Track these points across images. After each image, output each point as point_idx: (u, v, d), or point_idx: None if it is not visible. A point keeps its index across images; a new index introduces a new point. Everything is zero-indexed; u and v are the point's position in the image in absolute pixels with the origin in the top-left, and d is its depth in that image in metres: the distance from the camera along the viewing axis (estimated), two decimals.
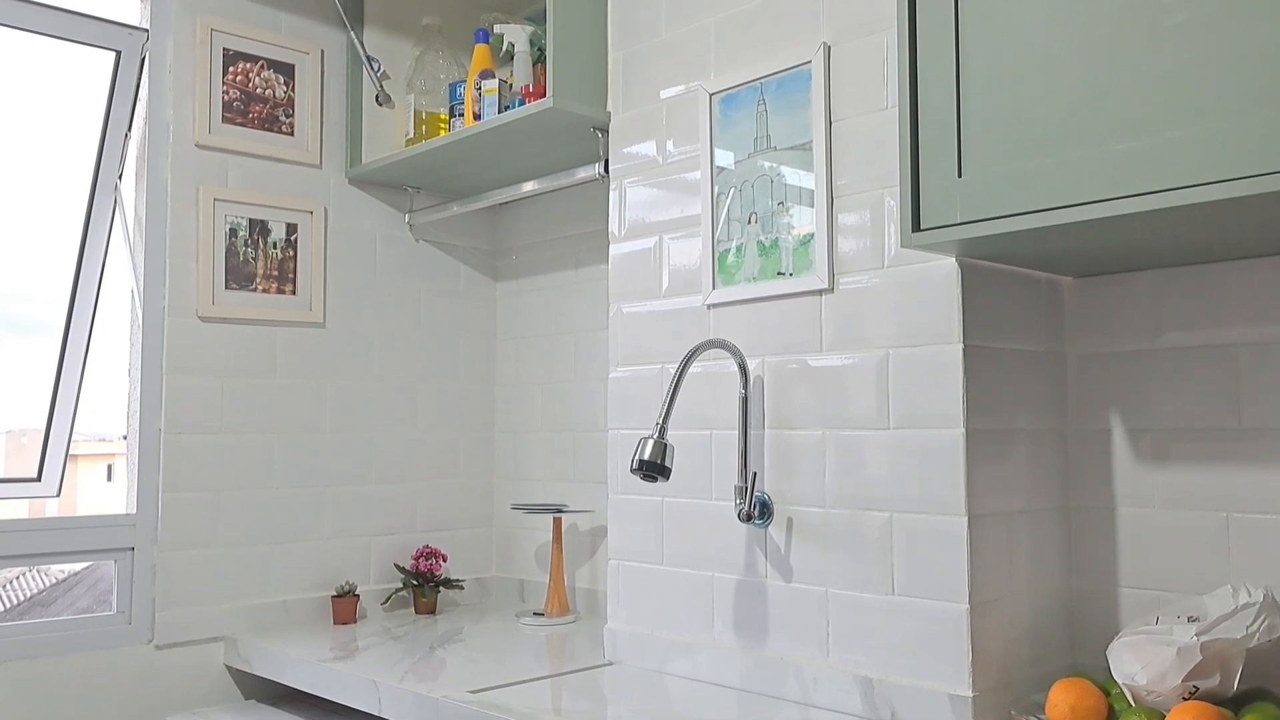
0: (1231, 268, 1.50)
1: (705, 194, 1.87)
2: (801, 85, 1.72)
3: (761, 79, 1.78)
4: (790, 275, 1.72)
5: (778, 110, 1.76)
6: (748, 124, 1.81)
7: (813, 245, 1.69)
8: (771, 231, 1.76)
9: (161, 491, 2.23)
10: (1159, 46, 1.16)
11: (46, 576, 4.29)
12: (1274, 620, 1.35)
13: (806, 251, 1.70)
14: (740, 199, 1.81)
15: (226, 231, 2.32)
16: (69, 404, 2.32)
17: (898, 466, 1.56)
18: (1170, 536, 1.55)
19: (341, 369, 2.49)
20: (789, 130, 1.74)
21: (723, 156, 1.85)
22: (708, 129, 1.87)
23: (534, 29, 2.24)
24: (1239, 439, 1.49)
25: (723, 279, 1.83)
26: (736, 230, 1.82)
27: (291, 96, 2.42)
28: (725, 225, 1.84)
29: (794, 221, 1.73)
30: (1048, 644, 1.60)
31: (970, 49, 1.32)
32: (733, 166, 1.83)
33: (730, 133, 1.84)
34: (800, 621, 1.67)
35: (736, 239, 1.81)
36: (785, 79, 1.75)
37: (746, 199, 1.81)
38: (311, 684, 2.01)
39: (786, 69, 1.74)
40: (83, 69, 2.30)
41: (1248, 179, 1.08)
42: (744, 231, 1.80)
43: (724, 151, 1.85)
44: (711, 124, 1.86)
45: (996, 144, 1.29)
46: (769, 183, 1.77)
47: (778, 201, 1.75)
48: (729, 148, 1.84)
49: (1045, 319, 1.65)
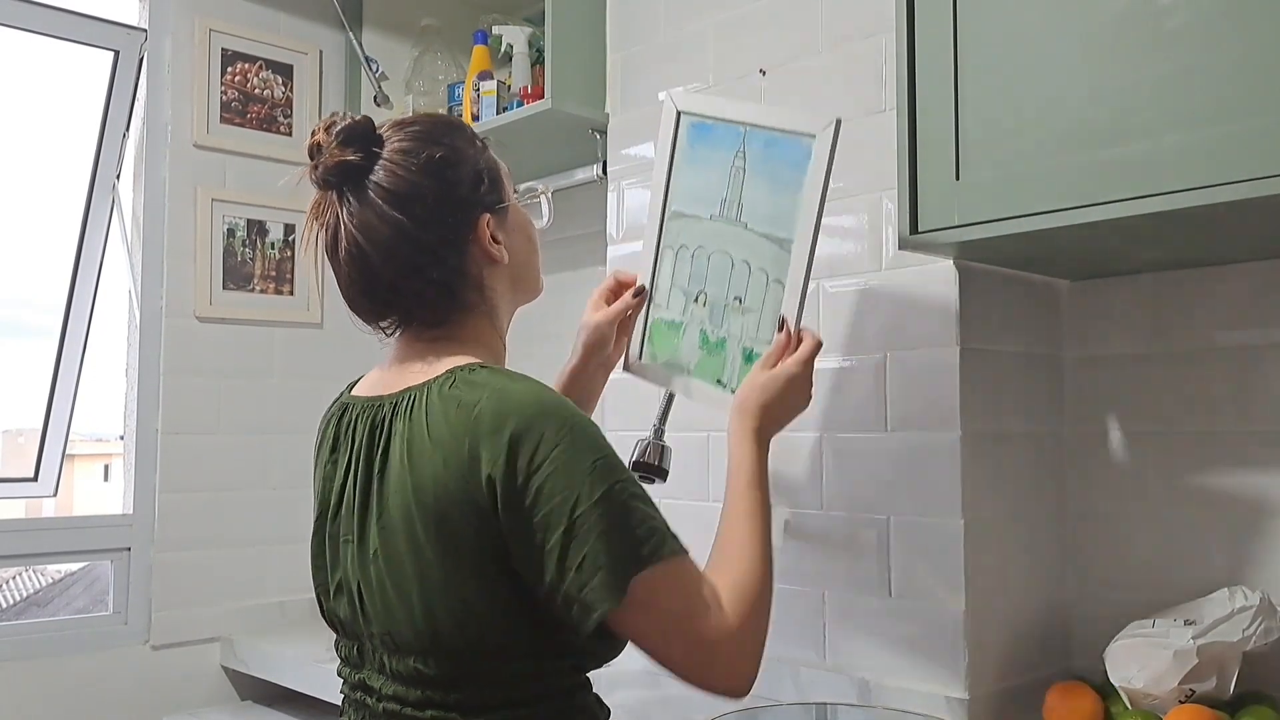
0: (1229, 271, 1.50)
1: (649, 232, 1.49)
2: (796, 160, 1.35)
3: (748, 125, 1.40)
4: (729, 390, 1.38)
5: (758, 175, 1.38)
6: (718, 174, 1.42)
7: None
8: (720, 329, 1.41)
9: (158, 492, 2.23)
10: (1158, 50, 1.16)
11: (43, 576, 4.28)
12: (1271, 623, 1.35)
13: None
14: (691, 266, 1.44)
15: (224, 232, 2.32)
16: (66, 404, 2.32)
17: (895, 469, 1.56)
18: (1167, 540, 1.55)
19: (339, 369, 2.46)
20: (767, 211, 1.37)
21: (680, 197, 1.47)
22: (667, 157, 1.48)
23: (532, 30, 2.25)
24: (1237, 442, 1.49)
25: (649, 354, 1.48)
26: (678, 303, 1.45)
27: (290, 97, 2.42)
28: (669, 290, 1.46)
29: (747, 332, 1.38)
30: (1044, 647, 1.60)
31: (969, 51, 1.32)
32: (689, 214, 1.45)
33: (695, 172, 1.45)
34: (797, 623, 1.67)
35: (678, 313, 1.45)
36: (777, 140, 1.37)
37: (698, 271, 1.43)
38: (308, 685, 2.01)
39: (782, 130, 1.37)
40: (81, 69, 2.30)
41: (1246, 182, 1.08)
42: (687, 310, 1.44)
43: (683, 191, 1.46)
44: (674, 152, 1.47)
45: (995, 147, 1.29)
46: (729, 267, 1.40)
47: (735, 297, 1.40)
48: (689, 192, 1.45)
49: (1042, 322, 1.65)
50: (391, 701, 1.05)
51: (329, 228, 1.10)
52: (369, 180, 1.08)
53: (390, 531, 1.02)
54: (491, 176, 1.16)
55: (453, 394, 1.01)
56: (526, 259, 1.20)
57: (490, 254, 1.13)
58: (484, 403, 0.98)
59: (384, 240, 1.07)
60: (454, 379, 1.02)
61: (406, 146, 1.09)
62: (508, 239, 1.16)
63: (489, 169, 1.16)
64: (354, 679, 1.12)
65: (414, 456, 1.01)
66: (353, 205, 1.08)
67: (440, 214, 1.09)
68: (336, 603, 1.11)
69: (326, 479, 1.16)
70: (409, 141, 1.10)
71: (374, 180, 1.08)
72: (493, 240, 1.13)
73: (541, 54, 2.11)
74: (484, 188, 1.14)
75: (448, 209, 1.09)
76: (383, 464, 1.04)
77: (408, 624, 1.01)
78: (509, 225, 1.17)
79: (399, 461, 1.02)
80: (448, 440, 0.99)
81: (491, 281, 1.14)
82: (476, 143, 1.17)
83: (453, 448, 0.98)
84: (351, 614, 1.08)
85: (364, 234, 1.07)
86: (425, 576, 1.00)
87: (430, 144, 1.10)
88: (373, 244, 1.07)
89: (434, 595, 1.00)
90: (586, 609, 0.96)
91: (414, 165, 1.08)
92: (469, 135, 1.17)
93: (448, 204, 1.09)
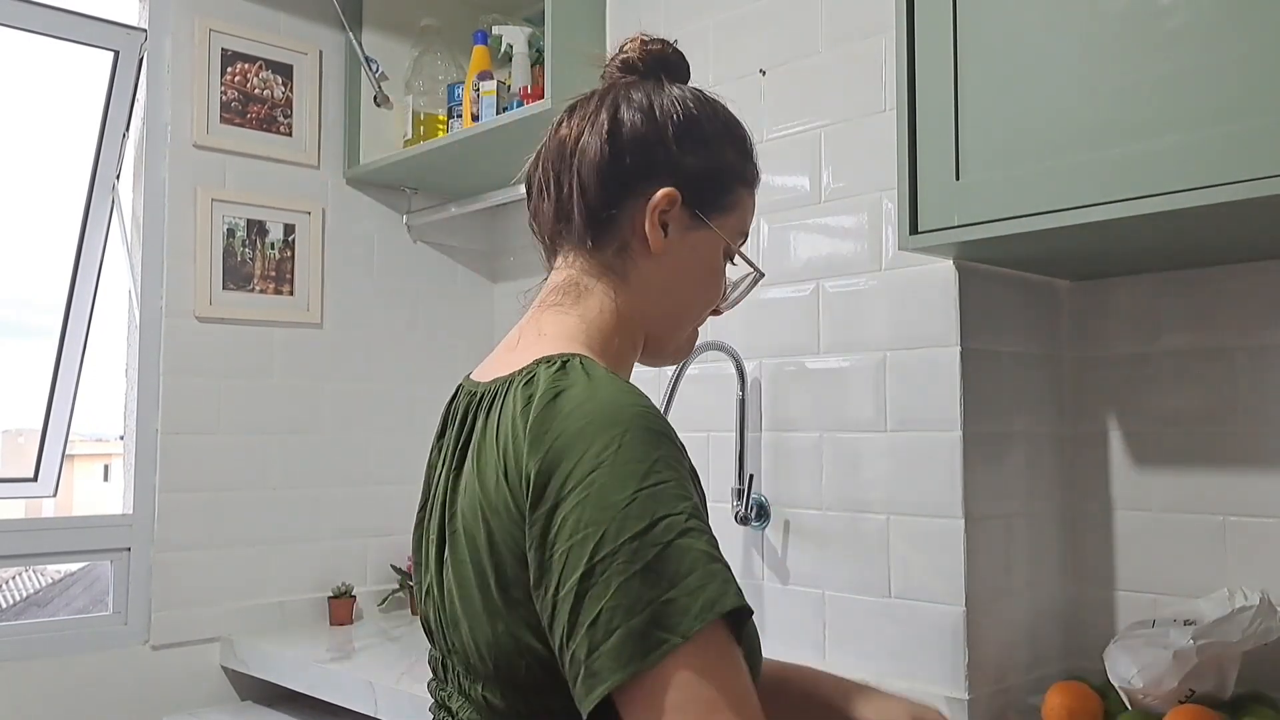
0: (1229, 271, 1.50)
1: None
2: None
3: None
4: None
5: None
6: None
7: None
8: None
9: (158, 492, 2.22)
10: (1157, 50, 1.16)
11: (43, 577, 4.28)
12: (1270, 623, 1.35)
13: None
14: None
15: (224, 232, 2.32)
16: (66, 404, 2.31)
17: (895, 469, 1.56)
18: (1167, 540, 1.55)
19: (339, 370, 2.48)
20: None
21: None
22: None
23: (532, 30, 2.24)
24: (1236, 443, 1.49)
25: None
26: None
27: (290, 97, 2.42)
28: None
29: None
30: (1044, 647, 1.60)
31: (968, 51, 1.32)
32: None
33: None
34: (797, 624, 1.66)
35: None
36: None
37: None
38: (308, 685, 2.00)
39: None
40: (80, 69, 2.30)
41: (1246, 182, 1.08)
42: None
43: None
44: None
45: (994, 147, 1.29)
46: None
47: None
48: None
49: (1042, 322, 1.65)
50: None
51: (610, 107, 1.04)
52: (670, 86, 1.03)
53: (458, 537, 0.90)
54: (722, 184, 1.01)
55: (525, 390, 0.87)
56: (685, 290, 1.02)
57: (647, 227, 0.97)
58: (539, 404, 0.84)
59: (639, 134, 0.99)
60: (535, 371, 0.88)
61: (698, 97, 1.02)
62: (679, 243, 0.99)
63: (729, 177, 1.02)
64: (438, 695, 0.99)
65: (482, 459, 0.89)
66: (642, 91, 1.02)
67: (650, 157, 0.98)
68: (426, 606, 0.99)
69: (430, 467, 1.06)
70: (699, 105, 1.02)
71: (671, 91, 1.02)
72: (659, 222, 0.97)
73: (541, 54, 2.11)
74: (701, 176, 0.99)
75: (658, 160, 0.98)
76: (460, 463, 0.94)
77: (471, 646, 0.89)
78: (693, 239, 1.00)
79: (471, 463, 0.91)
80: (505, 445, 0.86)
81: (639, 262, 0.98)
82: (747, 160, 1.04)
83: (507, 454, 0.85)
84: (437, 623, 0.96)
85: (636, 115, 1.00)
86: (486, 596, 0.87)
87: (712, 119, 1.02)
88: (632, 130, 1.00)
89: (488, 618, 0.87)
90: (592, 679, 0.75)
91: (705, 111, 1.01)
92: (744, 148, 1.04)
93: (659, 156, 0.99)
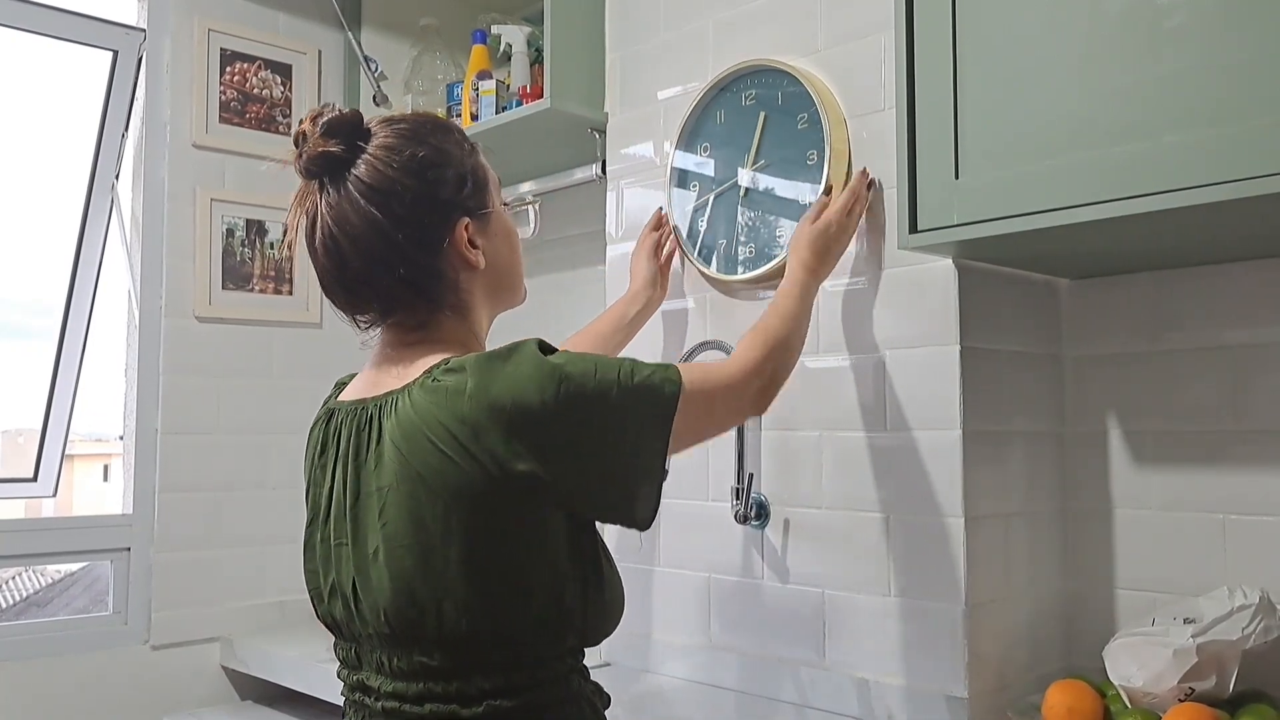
0: (1228, 270, 1.50)
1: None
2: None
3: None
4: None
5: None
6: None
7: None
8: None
9: (158, 492, 2.23)
10: (1157, 50, 1.16)
11: (43, 577, 4.29)
12: (1270, 622, 1.35)
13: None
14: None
15: (223, 232, 2.32)
16: (65, 404, 2.32)
17: (895, 468, 1.56)
18: (1167, 538, 1.55)
19: (339, 369, 2.45)
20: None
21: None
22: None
23: (531, 30, 2.24)
24: (1236, 441, 1.49)
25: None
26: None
27: (289, 97, 2.42)
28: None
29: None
30: (1044, 645, 1.60)
31: (968, 50, 1.32)
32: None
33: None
34: (797, 623, 1.67)
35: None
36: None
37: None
38: (308, 685, 2.01)
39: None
40: (80, 69, 2.30)
41: (1245, 181, 1.08)
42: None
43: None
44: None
45: (994, 146, 1.29)
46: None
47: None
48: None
49: (1042, 321, 1.65)
50: (390, 699, 1.06)
51: (309, 216, 1.11)
52: (350, 173, 1.08)
53: (391, 526, 1.03)
54: (476, 181, 1.16)
55: (437, 386, 1.02)
56: (508, 266, 1.20)
57: (467, 258, 1.13)
58: (471, 382, 1.00)
59: (358, 233, 1.08)
60: (432, 375, 1.04)
61: (391, 143, 1.10)
62: (488, 244, 1.16)
63: (474, 173, 1.16)
64: (353, 680, 1.13)
65: (410, 449, 1.02)
66: (331, 196, 1.09)
67: (417, 213, 1.09)
68: (332, 605, 1.13)
69: (315, 484, 1.20)
70: (394, 139, 1.10)
71: (354, 174, 1.08)
72: (470, 245, 1.13)
73: (540, 53, 2.11)
74: (466, 191, 1.14)
75: (425, 209, 1.10)
76: (376, 461, 1.06)
77: (414, 618, 1.02)
78: (490, 231, 1.17)
79: (393, 456, 1.03)
80: (444, 427, 1.00)
81: (469, 285, 1.15)
82: (465, 146, 1.17)
83: (453, 432, 1.00)
84: (347, 616, 1.10)
85: (339, 226, 1.08)
86: (430, 566, 1.01)
87: (415, 143, 1.11)
88: (347, 236, 1.08)
89: (440, 584, 1.01)
90: (660, 392, 1.07)
91: (396, 162, 1.09)
92: (458, 138, 1.17)
93: (426, 204, 1.10)
